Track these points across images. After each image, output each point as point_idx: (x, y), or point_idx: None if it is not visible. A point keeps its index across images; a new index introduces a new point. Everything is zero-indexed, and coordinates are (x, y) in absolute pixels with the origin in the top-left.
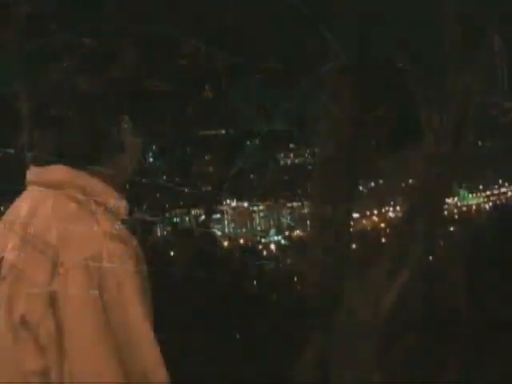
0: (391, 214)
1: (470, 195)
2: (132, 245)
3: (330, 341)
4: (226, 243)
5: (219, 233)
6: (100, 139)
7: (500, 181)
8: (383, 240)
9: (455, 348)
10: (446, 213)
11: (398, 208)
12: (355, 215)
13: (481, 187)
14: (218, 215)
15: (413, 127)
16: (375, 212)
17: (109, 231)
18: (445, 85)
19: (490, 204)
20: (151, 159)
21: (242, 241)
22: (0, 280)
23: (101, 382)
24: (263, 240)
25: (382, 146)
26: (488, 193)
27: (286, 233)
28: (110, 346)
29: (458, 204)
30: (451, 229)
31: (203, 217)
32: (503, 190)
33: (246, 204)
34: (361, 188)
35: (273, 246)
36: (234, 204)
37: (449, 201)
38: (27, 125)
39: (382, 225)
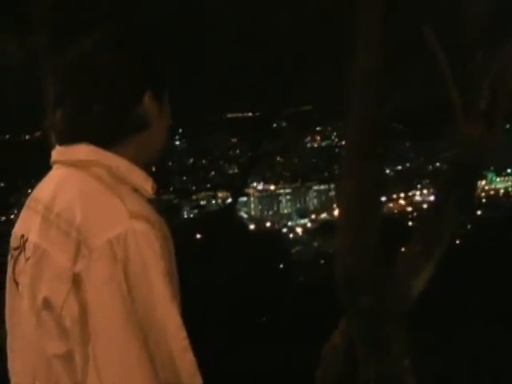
0: (418, 198)
1: (498, 179)
2: (158, 225)
3: (357, 326)
4: (252, 226)
5: (246, 215)
6: (121, 116)
7: None
8: (410, 223)
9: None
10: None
11: (425, 191)
12: (382, 198)
13: (509, 171)
14: (245, 198)
15: (443, 110)
16: (402, 195)
17: (134, 211)
18: (476, 66)
19: None
20: (178, 142)
21: (268, 224)
22: (24, 261)
23: (125, 366)
24: (289, 223)
25: (410, 127)
26: None
27: (313, 216)
28: (135, 329)
29: (486, 188)
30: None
31: (230, 199)
32: None
33: (272, 187)
34: (388, 171)
35: (299, 229)
36: (260, 187)
37: None
38: (51, 104)
39: (409, 208)
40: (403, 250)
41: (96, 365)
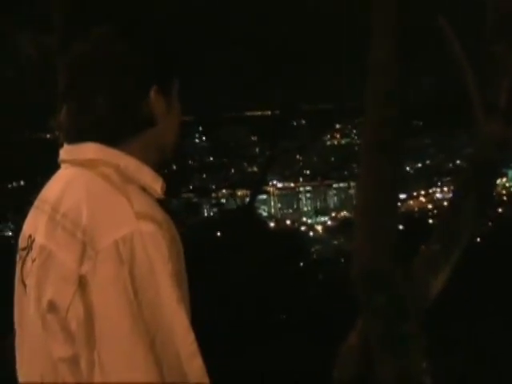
0: (438, 195)
1: None
2: (166, 225)
3: (374, 326)
4: (272, 224)
5: (265, 214)
6: (125, 115)
7: None
8: (430, 221)
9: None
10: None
11: (445, 189)
12: (402, 196)
13: None
14: (264, 196)
15: (462, 104)
16: (422, 192)
17: (141, 211)
18: (496, 59)
19: None
20: (197, 140)
21: (287, 222)
22: (31, 262)
23: (131, 370)
24: (309, 221)
25: (429, 124)
26: None
27: (333, 214)
28: (141, 332)
29: (507, 185)
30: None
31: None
32: None
33: (292, 185)
34: (408, 168)
35: (319, 227)
36: (280, 185)
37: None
38: (58, 102)
39: (430, 206)
40: (422, 248)
41: (101, 368)
